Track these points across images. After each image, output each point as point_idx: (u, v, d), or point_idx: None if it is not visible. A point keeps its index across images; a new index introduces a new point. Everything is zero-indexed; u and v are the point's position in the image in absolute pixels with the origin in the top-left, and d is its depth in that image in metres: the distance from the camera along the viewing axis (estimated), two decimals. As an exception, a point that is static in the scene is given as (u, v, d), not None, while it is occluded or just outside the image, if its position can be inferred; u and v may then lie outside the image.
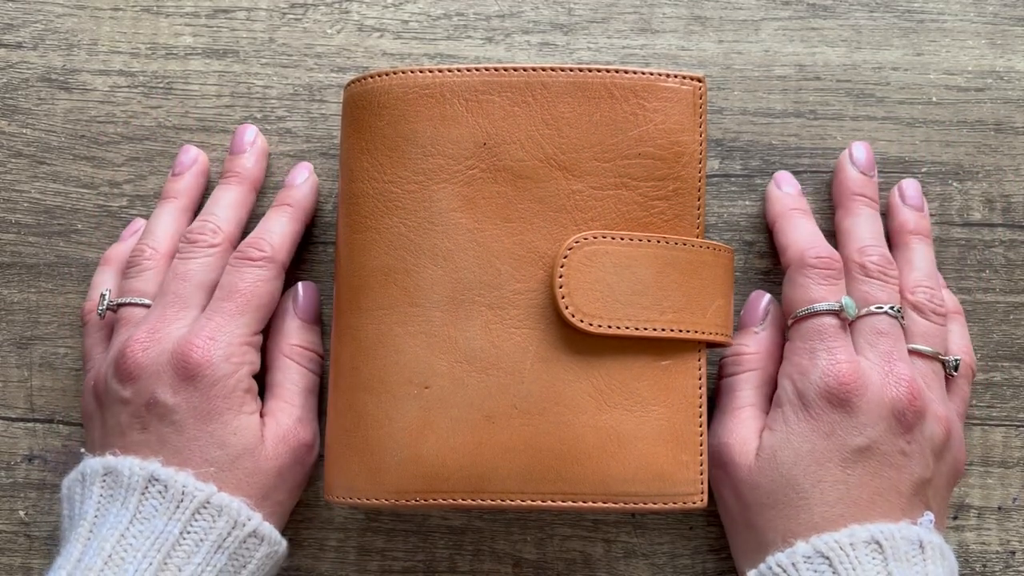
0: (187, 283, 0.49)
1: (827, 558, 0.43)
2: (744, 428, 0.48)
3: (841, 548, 0.44)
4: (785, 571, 0.44)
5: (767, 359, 0.50)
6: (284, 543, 0.48)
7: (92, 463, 0.46)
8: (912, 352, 0.49)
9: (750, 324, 0.51)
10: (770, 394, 0.50)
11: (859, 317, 0.48)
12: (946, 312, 0.50)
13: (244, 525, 0.45)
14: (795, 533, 0.45)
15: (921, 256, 0.51)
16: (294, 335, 0.51)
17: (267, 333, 0.51)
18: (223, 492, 0.46)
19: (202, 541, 0.44)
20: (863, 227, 0.50)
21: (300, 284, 0.52)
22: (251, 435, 0.47)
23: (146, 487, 0.45)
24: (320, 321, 0.52)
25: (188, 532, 0.44)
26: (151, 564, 0.43)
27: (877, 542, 0.44)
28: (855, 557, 0.43)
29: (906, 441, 0.46)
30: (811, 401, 0.46)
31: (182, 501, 0.45)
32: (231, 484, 0.46)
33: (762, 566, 0.45)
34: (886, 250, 0.50)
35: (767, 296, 0.51)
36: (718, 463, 0.48)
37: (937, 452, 0.47)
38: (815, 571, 0.43)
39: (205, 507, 0.45)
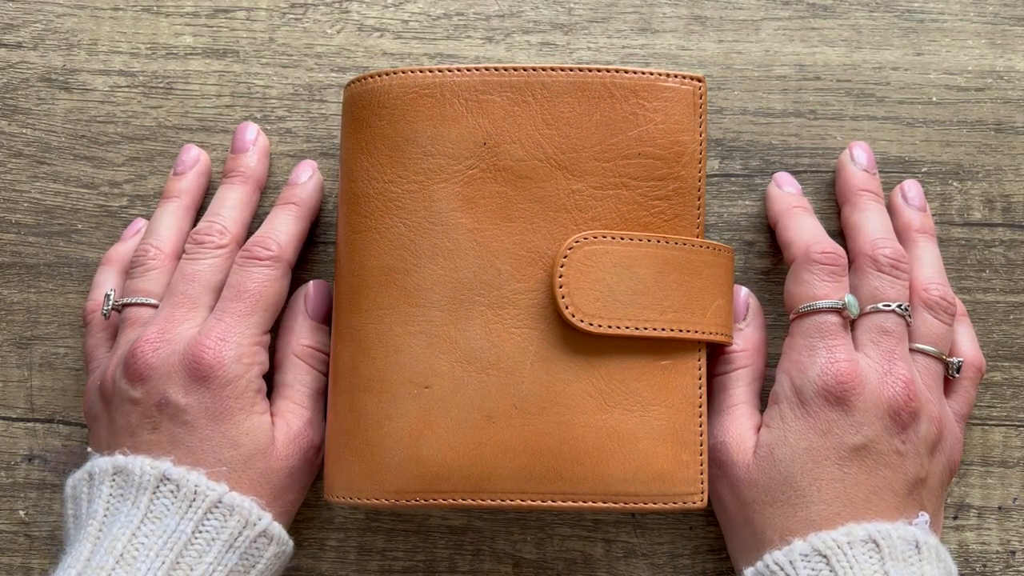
0: (195, 284, 0.49)
1: (824, 556, 0.44)
2: (740, 426, 0.48)
3: (838, 547, 0.44)
4: (783, 569, 0.44)
5: (755, 355, 0.50)
6: (291, 543, 0.48)
7: (101, 462, 0.46)
8: (915, 351, 0.49)
9: (733, 320, 0.51)
10: (760, 390, 0.50)
11: (865, 313, 0.48)
12: (955, 312, 0.50)
13: (255, 525, 0.45)
14: (792, 531, 0.45)
15: (931, 253, 0.51)
16: (305, 335, 0.51)
17: (274, 331, 0.51)
18: (234, 492, 0.46)
19: (214, 540, 0.44)
20: (873, 221, 0.50)
21: (312, 283, 0.52)
22: (263, 435, 0.47)
23: (158, 486, 0.45)
24: (329, 321, 0.52)
25: (200, 531, 0.44)
26: (163, 563, 0.43)
27: (874, 541, 0.44)
28: (852, 556, 0.43)
29: (901, 441, 0.46)
30: (808, 398, 0.46)
31: (194, 500, 0.45)
32: (244, 484, 0.46)
33: (759, 564, 0.45)
34: (899, 245, 0.49)
35: (744, 290, 0.51)
36: (715, 462, 0.48)
37: (931, 452, 0.47)
38: (812, 569, 0.43)
39: (217, 506, 0.45)
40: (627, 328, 0.46)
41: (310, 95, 0.55)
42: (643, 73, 0.47)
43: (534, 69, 0.47)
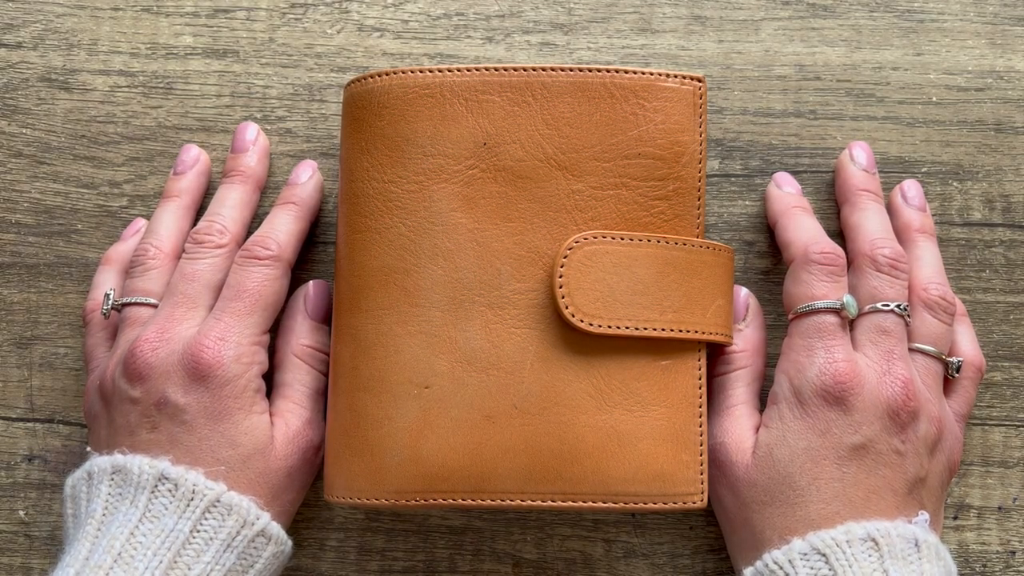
0: (195, 283, 0.49)
1: (823, 555, 0.44)
2: (739, 426, 0.48)
3: (838, 545, 0.44)
4: (782, 568, 0.44)
5: (755, 355, 0.50)
6: (290, 543, 0.48)
7: (100, 461, 0.46)
8: (914, 351, 0.49)
9: (733, 320, 0.51)
10: (760, 390, 0.50)
11: (864, 313, 0.48)
12: (955, 311, 0.50)
13: (253, 524, 0.45)
14: (792, 530, 0.45)
15: (930, 253, 0.51)
16: (305, 335, 0.51)
17: (274, 331, 0.51)
18: (233, 491, 0.46)
19: (212, 540, 0.44)
20: (873, 221, 0.50)
21: (311, 283, 0.52)
22: (262, 435, 0.47)
23: (156, 485, 0.45)
24: (329, 321, 0.52)
25: (198, 531, 0.44)
26: (161, 562, 0.43)
27: (873, 539, 0.44)
28: (851, 554, 0.43)
29: (900, 440, 0.46)
30: (807, 398, 0.46)
31: (192, 500, 0.45)
32: (242, 483, 0.46)
33: (759, 563, 0.45)
34: (898, 245, 0.49)
35: (744, 290, 0.51)
36: (715, 462, 0.48)
37: (930, 451, 0.47)
38: (811, 568, 0.43)
39: (215, 506, 0.45)
40: (627, 328, 0.46)
41: (310, 95, 0.55)
42: (643, 73, 0.47)
43: (534, 69, 0.47)
